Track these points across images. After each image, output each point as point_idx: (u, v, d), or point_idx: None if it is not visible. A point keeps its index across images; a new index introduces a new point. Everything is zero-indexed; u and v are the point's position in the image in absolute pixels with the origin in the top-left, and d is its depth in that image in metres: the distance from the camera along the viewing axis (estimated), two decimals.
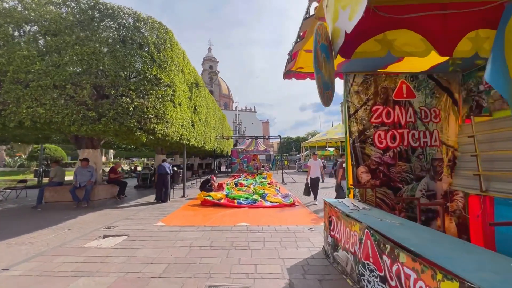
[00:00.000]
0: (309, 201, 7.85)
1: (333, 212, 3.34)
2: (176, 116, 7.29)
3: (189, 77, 8.74)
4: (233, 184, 11.69)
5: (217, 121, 15.45)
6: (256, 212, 6.35)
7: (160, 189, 7.78)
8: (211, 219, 5.57)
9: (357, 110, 3.87)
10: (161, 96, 6.31)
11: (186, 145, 9.01)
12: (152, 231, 4.67)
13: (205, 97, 11.62)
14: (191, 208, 6.80)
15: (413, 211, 3.72)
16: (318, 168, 7.73)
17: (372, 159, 3.77)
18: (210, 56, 70.28)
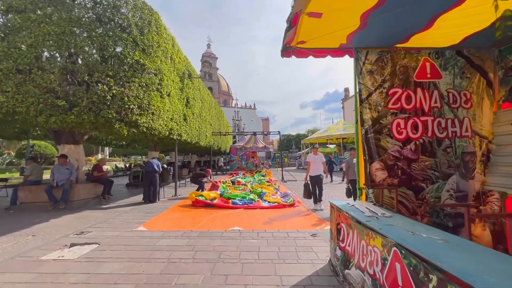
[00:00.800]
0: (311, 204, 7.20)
1: (342, 218, 2.68)
2: (164, 107, 6.62)
3: (180, 67, 8.05)
4: (229, 182, 11.05)
5: (213, 116, 14.76)
6: (252, 213, 5.70)
7: (148, 188, 7.13)
8: (200, 222, 4.92)
9: (371, 93, 3.19)
10: (145, 84, 5.63)
11: (178, 140, 8.34)
12: (129, 238, 4.02)
13: (200, 90, 10.92)
14: (180, 210, 6.15)
15: (439, 216, 3.06)
16: (320, 164, 6.24)
17: (389, 153, 3.10)
18: (209, 53, 69.29)
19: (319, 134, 26.32)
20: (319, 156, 6.31)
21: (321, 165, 6.26)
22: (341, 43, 3.13)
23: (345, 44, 3.16)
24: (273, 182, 11.91)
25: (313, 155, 6.31)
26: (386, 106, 3.14)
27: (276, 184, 10.72)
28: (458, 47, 3.16)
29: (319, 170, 6.22)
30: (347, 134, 23.39)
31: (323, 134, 25.34)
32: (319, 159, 6.23)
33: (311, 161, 6.26)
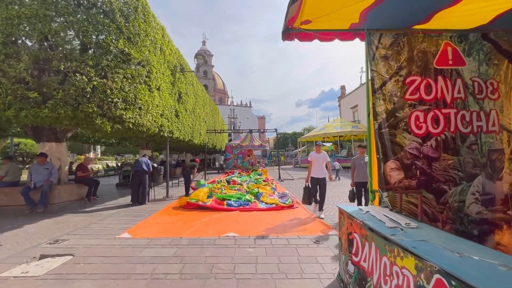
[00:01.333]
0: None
1: (355, 227, 2.27)
2: (153, 102, 6.12)
3: (171, 59, 7.54)
4: (224, 181, 10.59)
5: (208, 113, 14.26)
6: (248, 216, 5.27)
7: (137, 189, 6.64)
8: (191, 227, 4.47)
9: (385, 82, 2.78)
10: (131, 76, 5.13)
11: (169, 138, 7.85)
12: (110, 247, 3.55)
13: (193, 85, 10.41)
14: (171, 213, 5.68)
15: (463, 223, 2.68)
16: (323, 165, 5.35)
17: (406, 151, 2.70)
18: (204, 50, 68.44)
19: (316, 132, 26.02)
20: (322, 155, 5.38)
21: (324, 165, 5.35)
22: (352, 23, 2.70)
23: (357, 25, 2.73)
24: (270, 181, 11.51)
25: (315, 154, 5.40)
26: (403, 96, 2.73)
27: (273, 183, 10.32)
28: (485, 28, 2.76)
29: (322, 171, 5.30)
30: (344, 132, 23.13)
31: (320, 132, 25.03)
32: (322, 158, 5.32)
33: (313, 160, 5.37)
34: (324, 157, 5.38)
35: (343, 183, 11.14)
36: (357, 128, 23.62)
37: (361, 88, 31.63)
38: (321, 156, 5.38)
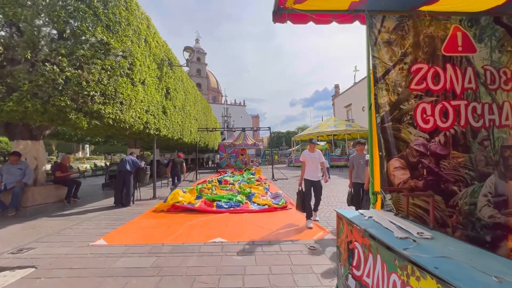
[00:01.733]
0: None
1: (356, 235, 1.95)
2: (137, 97, 5.71)
3: (158, 52, 7.12)
4: (216, 181, 10.23)
5: (199, 110, 13.83)
6: (238, 219, 4.93)
7: (120, 190, 6.22)
8: (175, 232, 4.10)
9: (389, 70, 2.48)
10: (110, 68, 4.72)
11: (156, 136, 7.43)
12: (80, 257, 3.16)
13: (182, 81, 9.99)
14: (155, 216, 5.29)
15: (474, 228, 2.40)
16: (318, 165, 4.68)
17: (412, 148, 2.40)
18: (198, 48, 67.73)
19: (310, 131, 25.83)
20: (317, 154, 4.73)
21: (319, 165, 4.72)
22: (352, 2, 2.39)
23: (357, 4, 2.41)
24: (263, 180, 11.19)
25: (308, 153, 4.71)
26: (408, 86, 2.43)
27: (266, 183, 9.99)
28: (498, 11, 2.49)
29: (317, 172, 4.66)
30: (338, 131, 23.01)
31: (314, 131, 24.85)
32: (317, 158, 4.67)
33: (306, 160, 4.66)
34: (319, 157, 4.72)
35: (337, 182, 10.91)
36: (351, 127, 23.54)
37: (355, 87, 31.64)
38: (316, 155, 4.72)
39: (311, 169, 4.67)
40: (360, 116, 29.62)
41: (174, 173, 9.08)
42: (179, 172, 9.16)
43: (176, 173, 9.09)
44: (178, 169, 9.07)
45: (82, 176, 16.26)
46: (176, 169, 9.05)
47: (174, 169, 9.03)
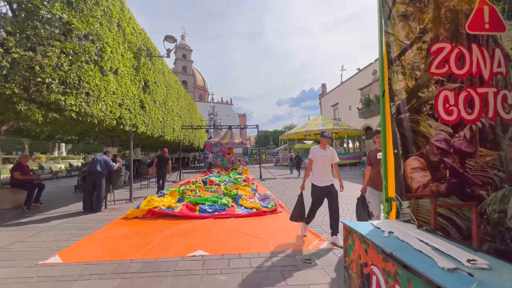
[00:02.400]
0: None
1: (374, 257, 1.49)
2: (108, 88, 5.03)
3: (134, 40, 6.42)
4: (200, 182, 9.61)
5: (183, 107, 13.09)
6: (223, 225, 4.40)
7: (90, 194, 5.51)
8: (150, 243, 3.52)
9: (405, 50, 2.05)
10: (72, 52, 4.03)
11: (133, 133, 6.72)
12: (22, 281, 2.52)
13: (164, 74, 9.27)
14: (128, 223, 4.65)
15: (504, 240, 2.01)
16: (329, 167, 3.66)
17: (433, 144, 1.99)
18: (184, 44, 66.17)
19: (298, 130, 25.63)
20: (330, 152, 3.62)
21: (330, 167, 3.63)
22: None
23: None
24: (250, 181, 10.69)
25: (319, 150, 3.63)
26: (428, 70, 2.01)
27: (253, 183, 9.50)
28: None
29: (328, 175, 3.56)
30: (326, 129, 22.92)
31: (302, 130, 24.66)
32: (329, 157, 3.58)
33: (316, 159, 3.61)
34: (332, 156, 3.61)
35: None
36: (339, 125, 23.54)
37: (342, 86, 31.84)
38: (329, 153, 3.60)
39: (322, 171, 3.54)
40: (347, 115, 29.82)
41: (161, 174, 8.25)
42: (165, 173, 8.36)
43: (163, 175, 8.27)
44: (166, 170, 8.30)
45: (55, 177, 15.08)
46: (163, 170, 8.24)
47: (160, 168, 8.19)
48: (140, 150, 16.62)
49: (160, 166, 8.15)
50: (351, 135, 24.96)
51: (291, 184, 10.29)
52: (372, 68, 24.67)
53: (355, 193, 7.15)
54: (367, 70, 25.81)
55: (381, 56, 2.08)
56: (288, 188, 9.08)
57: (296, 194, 7.97)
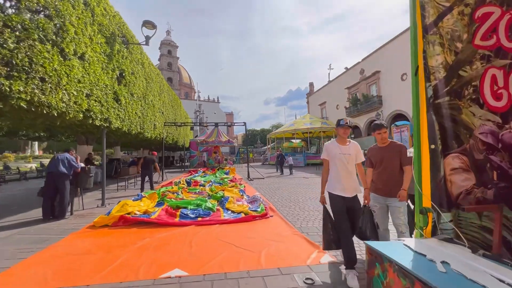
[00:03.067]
0: (292, 213, 5.59)
1: None
2: (71, 75, 4.29)
3: (106, 23, 5.66)
4: (184, 182, 8.93)
5: (166, 103, 12.28)
6: (207, 234, 3.83)
7: (50, 199, 4.75)
8: (116, 259, 2.89)
9: (443, 15, 1.58)
10: (21, 27, 3.29)
11: (106, 128, 5.97)
12: None
13: (143, 65, 8.48)
14: (94, 234, 3.97)
15: None
16: (352, 168, 2.59)
17: (477, 138, 1.54)
18: (169, 40, 64.23)
19: (286, 128, 25.31)
20: (353, 148, 2.62)
21: (354, 169, 2.61)
22: None
23: None
24: (237, 181, 10.12)
25: (337, 145, 2.63)
26: (471, 41, 1.55)
27: (241, 184, 8.94)
28: None
29: (350, 181, 2.55)
30: (314, 128, 22.74)
31: (290, 128, 24.36)
32: (352, 155, 2.58)
33: (333, 158, 2.63)
34: (356, 153, 2.60)
35: (315, 182, 10.19)
36: (327, 124, 23.41)
37: (329, 85, 31.88)
38: (351, 150, 2.58)
39: (341, 175, 2.53)
40: (334, 114, 29.87)
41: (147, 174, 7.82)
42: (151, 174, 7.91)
43: (149, 175, 7.83)
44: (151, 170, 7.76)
45: (23, 178, 13.80)
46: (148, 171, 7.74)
47: (145, 169, 7.76)
48: (120, 149, 15.60)
49: (145, 167, 7.76)
50: None
51: (280, 184, 9.83)
52: (360, 67, 24.74)
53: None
54: (354, 69, 25.88)
55: (413, 21, 1.60)
56: (278, 188, 8.61)
57: (288, 194, 7.57)
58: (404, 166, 2.45)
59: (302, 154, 21.69)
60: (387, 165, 2.54)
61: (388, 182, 2.48)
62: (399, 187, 2.37)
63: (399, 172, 2.50)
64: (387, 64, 20.95)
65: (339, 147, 2.61)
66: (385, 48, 21.37)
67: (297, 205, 5.84)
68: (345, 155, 2.56)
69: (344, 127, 2.57)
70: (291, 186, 9.10)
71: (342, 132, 2.59)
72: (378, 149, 2.68)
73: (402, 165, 2.48)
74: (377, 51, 22.31)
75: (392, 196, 2.43)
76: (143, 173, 7.80)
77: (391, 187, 2.45)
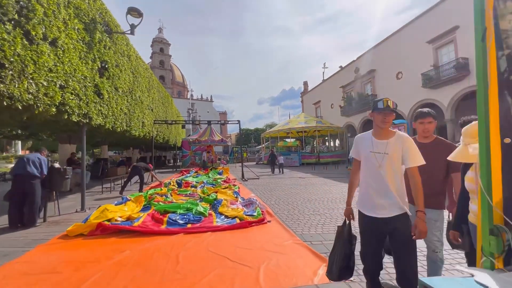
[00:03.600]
0: (292, 218, 5.16)
1: None
2: (40, 62, 3.73)
3: (85, 7, 5.08)
4: (174, 183, 8.39)
5: (156, 100, 11.67)
6: (197, 245, 3.34)
7: (18, 204, 4.17)
8: (84, 282, 2.38)
9: None
10: None
11: (86, 125, 5.39)
12: None
13: (130, 58, 7.89)
14: (65, 245, 3.42)
15: None
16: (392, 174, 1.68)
17: None
18: (161, 38, 63.08)
19: (280, 127, 24.92)
20: (394, 144, 1.70)
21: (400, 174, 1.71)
22: None
23: None
24: (231, 182, 9.65)
25: (370, 138, 1.80)
26: None
27: (235, 185, 8.46)
28: None
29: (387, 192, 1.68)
30: (309, 127, 22.41)
31: (285, 127, 23.98)
32: (392, 153, 1.68)
33: (365, 158, 1.81)
34: (404, 152, 1.69)
35: (317, 182, 9.80)
36: (321, 123, 23.14)
37: (324, 84, 31.68)
38: (392, 147, 1.70)
39: (370, 184, 1.77)
40: (328, 113, 29.68)
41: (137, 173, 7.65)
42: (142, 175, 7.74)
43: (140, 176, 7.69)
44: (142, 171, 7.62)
45: (2, 179, 12.95)
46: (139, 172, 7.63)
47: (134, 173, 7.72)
48: (107, 148, 14.89)
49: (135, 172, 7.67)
50: (334, 133, 24.72)
51: (276, 184, 9.40)
52: (354, 66, 24.57)
53: None
54: (349, 68, 25.71)
55: None
56: (274, 189, 8.17)
57: (285, 195, 7.14)
58: (454, 172, 1.89)
59: (297, 154, 21.33)
60: (428, 168, 1.74)
61: (425, 189, 1.70)
62: (439, 196, 1.93)
63: (443, 179, 1.96)
64: (382, 63, 20.80)
65: (372, 141, 1.77)
66: (380, 46, 21.23)
67: (295, 208, 5.41)
68: (379, 154, 1.70)
69: (384, 112, 1.67)
70: (287, 186, 8.69)
71: (379, 120, 1.70)
72: (418, 145, 1.78)
73: (451, 170, 1.91)
74: (372, 50, 22.16)
75: (429, 207, 1.83)
76: (131, 176, 7.65)
77: (429, 196, 1.79)
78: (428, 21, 16.58)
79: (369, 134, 1.86)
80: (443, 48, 15.95)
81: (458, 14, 14.18)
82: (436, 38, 15.86)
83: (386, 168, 1.68)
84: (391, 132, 1.76)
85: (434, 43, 16.13)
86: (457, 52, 14.77)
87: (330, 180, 10.11)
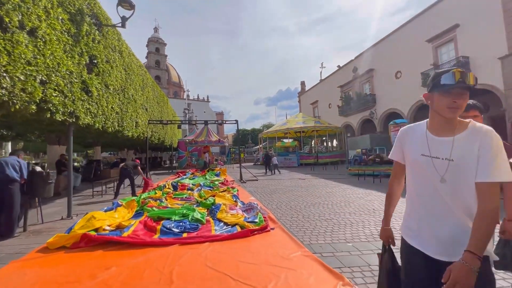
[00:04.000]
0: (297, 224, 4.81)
1: None
2: (15, 53, 3.32)
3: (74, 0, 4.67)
4: (170, 186, 7.98)
5: (150, 99, 11.23)
6: (194, 259, 2.96)
7: None
8: None
9: None
10: None
11: (73, 124, 4.97)
12: None
13: (122, 54, 7.46)
14: (42, 262, 3.01)
15: None
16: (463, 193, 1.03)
17: None
18: (156, 37, 62.48)
19: (278, 127, 24.60)
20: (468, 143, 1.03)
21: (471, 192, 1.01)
22: None
23: None
24: (229, 184, 9.26)
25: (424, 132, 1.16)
26: None
27: (234, 188, 8.07)
28: None
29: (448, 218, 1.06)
30: (307, 127, 22.13)
31: (283, 127, 23.68)
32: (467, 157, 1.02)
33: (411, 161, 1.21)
34: (488, 148, 0.98)
35: (318, 184, 9.47)
36: (319, 123, 22.88)
37: (321, 84, 31.45)
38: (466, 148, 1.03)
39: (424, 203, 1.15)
40: (326, 113, 29.44)
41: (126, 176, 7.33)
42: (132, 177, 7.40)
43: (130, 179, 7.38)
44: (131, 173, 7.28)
45: None
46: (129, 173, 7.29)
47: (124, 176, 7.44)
48: (100, 150, 14.38)
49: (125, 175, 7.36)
50: (332, 133, 24.47)
51: (276, 186, 9.05)
52: (352, 65, 24.36)
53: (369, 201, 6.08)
54: (347, 67, 25.50)
55: None
56: (274, 191, 7.82)
57: (286, 198, 6.79)
58: None
59: (295, 154, 21.03)
60: None
61: None
62: None
63: None
64: (381, 62, 20.61)
65: (427, 138, 1.15)
66: (379, 45, 21.04)
67: (299, 213, 5.07)
68: (439, 160, 1.09)
69: (454, 90, 1.03)
70: (288, 188, 8.35)
71: (444, 105, 1.06)
72: None
73: None
74: (371, 49, 21.96)
75: None
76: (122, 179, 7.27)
77: None
78: (427, 20, 16.40)
79: (422, 126, 1.20)
80: (443, 47, 15.77)
81: (458, 12, 14.01)
82: (435, 37, 15.68)
83: (453, 182, 1.05)
84: (462, 124, 1.08)
85: (434, 41, 15.95)
86: (457, 51, 14.59)
87: (331, 182, 9.79)
